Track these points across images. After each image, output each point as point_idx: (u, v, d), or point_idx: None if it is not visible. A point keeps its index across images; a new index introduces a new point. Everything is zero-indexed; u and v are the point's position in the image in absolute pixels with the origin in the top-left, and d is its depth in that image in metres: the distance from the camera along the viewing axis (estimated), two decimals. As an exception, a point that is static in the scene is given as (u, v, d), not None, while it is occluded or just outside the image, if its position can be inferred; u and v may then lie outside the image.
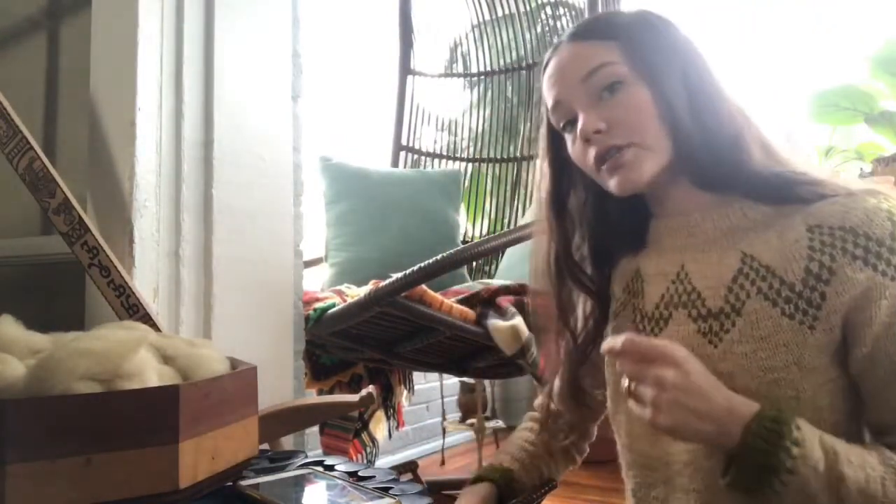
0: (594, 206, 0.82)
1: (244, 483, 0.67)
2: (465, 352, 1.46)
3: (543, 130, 0.83)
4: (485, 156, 2.32)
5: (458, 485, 2.77)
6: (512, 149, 2.27)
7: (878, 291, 0.65)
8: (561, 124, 0.78)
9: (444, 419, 2.94)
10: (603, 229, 0.83)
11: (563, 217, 0.83)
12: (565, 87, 0.75)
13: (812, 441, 0.62)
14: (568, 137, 0.78)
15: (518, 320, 1.27)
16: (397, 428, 1.85)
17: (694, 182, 0.75)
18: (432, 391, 3.14)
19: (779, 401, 0.66)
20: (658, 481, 0.76)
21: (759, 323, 0.69)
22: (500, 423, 2.95)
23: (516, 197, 2.21)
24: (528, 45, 2.29)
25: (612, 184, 0.74)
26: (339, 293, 1.46)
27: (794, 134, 2.56)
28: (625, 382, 0.67)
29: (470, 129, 2.38)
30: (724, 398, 0.64)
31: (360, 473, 0.72)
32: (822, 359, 0.67)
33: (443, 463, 2.92)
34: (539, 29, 2.28)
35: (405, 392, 1.88)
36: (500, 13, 2.34)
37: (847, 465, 0.61)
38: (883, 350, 0.65)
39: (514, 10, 2.31)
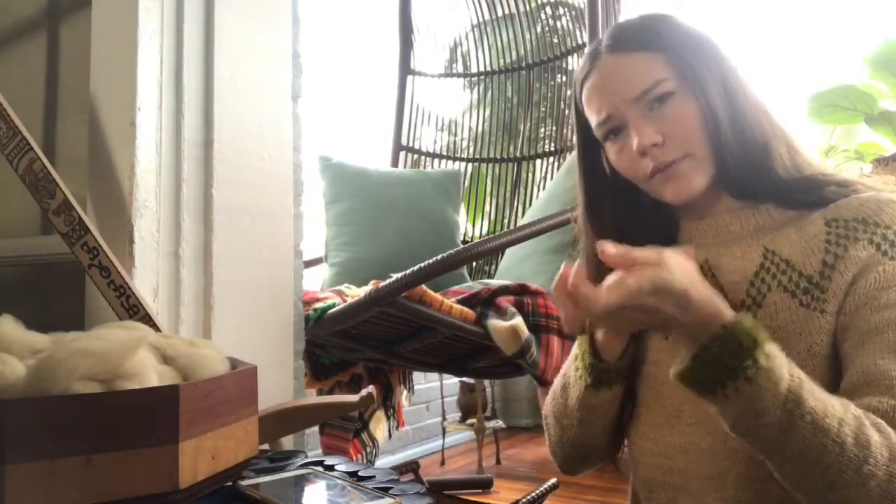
0: (627, 209, 0.83)
1: (244, 483, 0.67)
2: (465, 352, 1.46)
3: (576, 141, 0.85)
4: (485, 156, 2.32)
5: (459, 485, 2.75)
6: (512, 149, 2.27)
7: (873, 265, 0.67)
8: (604, 135, 0.79)
9: (444, 419, 2.94)
10: (635, 233, 0.82)
11: (601, 220, 0.84)
12: (615, 103, 0.75)
13: (782, 361, 0.60)
14: (612, 146, 0.79)
15: (518, 320, 1.27)
16: (397, 428, 1.85)
17: (728, 190, 0.77)
18: (432, 391, 3.14)
19: None
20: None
21: (777, 314, 0.71)
22: (500, 423, 2.95)
23: (516, 197, 2.21)
24: (528, 45, 2.29)
25: (668, 192, 0.76)
26: (339, 293, 1.46)
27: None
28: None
29: (470, 129, 2.39)
30: (708, 314, 0.61)
31: (360, 473, 0.72)
32: (834, 343, 0.68)
33: (443, 463, 2.92)
34: (539, 29, 2.28)
35: (405, 392, 1.88)
36: (500, 13, 2.34)
37: (809, 394, 0.59)
38: (861, 317, 0.66)
39: (514, 10, 2.31)
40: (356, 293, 1.41)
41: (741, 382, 0.58)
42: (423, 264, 1.21)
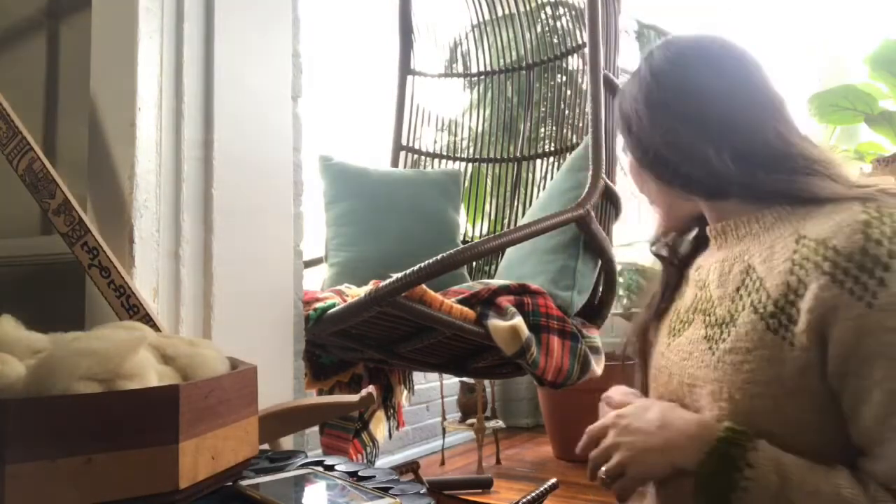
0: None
1: (244, 483, 0.67)
2: (465, 352, 1.46)
3: None
4: (485, 156, 2.32)
5: (459, 485, 2.76)
6: (512, 149, 2.26)
7: (844, 311, 0.63)
8: None
9: (444, 419, 2.94)
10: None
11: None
12: None
13: (767, 465, 0.65)
14: None
15: (518, 320, 1.27)
16: (397, 428, 1.85)
17: (732, 197, 0.78)
18: (432, 391, 3.14)
19: (758, 415, 0.68)
20: None
21: (747, 335, 0.70)
22: (500, 423, 2.95)
23: (516, 197, 2.21)
24: (528, 45, 2.29)
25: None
26: (339, 293, 1.46)
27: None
28: (600, 474, 0.76)
29: (470, 129, 2.38)
30: (678, 427, 0.72)
31: (360, 473, 0.72)
32: (808, 379, 0.66)
33: (443, 463, 2.92)
34: (539, 29, 2.28)
35: (405, 392, 1.88)
36: (500, 13, 2.34)
37: (797, 492, 0.64)
38: (852, 372, 0.64)
39: (514, 10, 2.30)
40: (356, 293, 1.41)
41: (740, 493, 0.66)
42: (423, 264, 1.21)
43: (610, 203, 1.64)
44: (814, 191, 0.70)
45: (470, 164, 2.33)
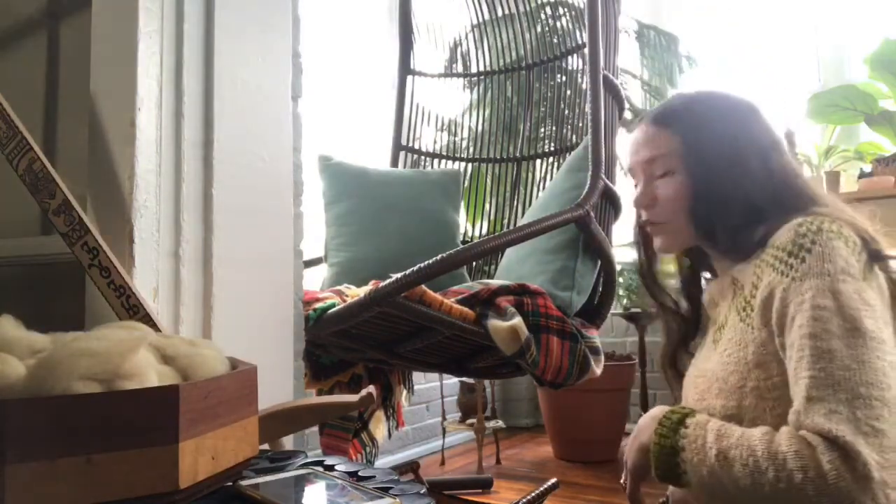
0: None
1: (244, 483, 0.67)
2: (465, 352, 1.46)
3: None
4: (485, 156, 2.32)
5: (459, 485, 2.76)
6: (512, 149, 2.27)
7: (777, 288, 0.80)
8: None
9: (444, 419, 2.94)
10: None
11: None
12: (634, 161, 0.97)
13: (696, 424, 0.80)
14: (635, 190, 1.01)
15: (517, 320, 1.27)
16: (397, 428, 1.85)
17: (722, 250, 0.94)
18: (432, 391, 3.14)
19: (734, 389, 0.83)
20: None
21: (728, 330, 0.88)
22: (499, 423, 2.95)
23: (516, 197, 2.21)
24: (528, 45, 2.29)
25: (655, 244, 0.99)
26: (339, 293, 1.46)
27: (794, 134, 2.56)
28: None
29: (470, 129, 2.38)
30: (648, 413, 0.87)
31: (360, 473, 0.72)
32: (763, 356, 0.81)
33: (443, 463, 2.92)
34: (539, 29, 2.28)
35: (405, 392, 1.88)
36: (500, 13, 2.34)
37: (713, 439, 0.77)
38: (788, 343, 0.77)
39: (514, 10, 2.30)
40: (356, 293, 1.41)
41: (681, 454, 0.79)
42: (423, 264, 1.21)
43: (609, 203, 1.64)
44: (779, 224, 0.85)
45: (470, 164, 2.33)
